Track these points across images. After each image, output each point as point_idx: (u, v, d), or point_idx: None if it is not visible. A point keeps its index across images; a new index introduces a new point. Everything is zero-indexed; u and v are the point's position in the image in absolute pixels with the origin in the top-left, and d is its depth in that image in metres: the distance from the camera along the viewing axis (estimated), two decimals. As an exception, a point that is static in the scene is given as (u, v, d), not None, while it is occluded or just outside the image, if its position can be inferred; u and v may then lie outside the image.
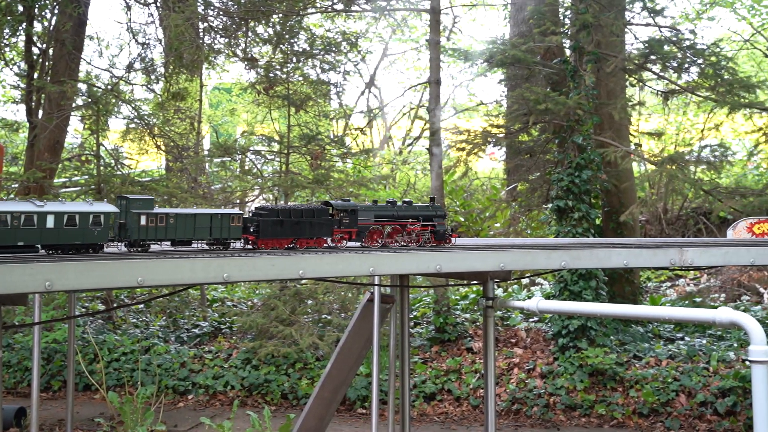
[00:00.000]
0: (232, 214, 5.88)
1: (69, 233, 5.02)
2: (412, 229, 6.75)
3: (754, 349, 5.77)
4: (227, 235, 5.84)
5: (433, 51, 14.66)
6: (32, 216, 4.86)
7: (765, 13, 26.25)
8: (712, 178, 14.81)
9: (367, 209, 6.63)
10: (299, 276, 5.76)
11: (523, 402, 13.33)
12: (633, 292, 16.78)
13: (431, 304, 16.27)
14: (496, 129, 15.46)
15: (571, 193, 13.98)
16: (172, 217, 5.57)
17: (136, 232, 5.39)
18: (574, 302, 11.16)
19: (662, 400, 12.91)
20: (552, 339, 14.54)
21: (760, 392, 5.69)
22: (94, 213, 5.13)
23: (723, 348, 14.14)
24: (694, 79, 14.56)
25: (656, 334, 15.77)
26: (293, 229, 6.08)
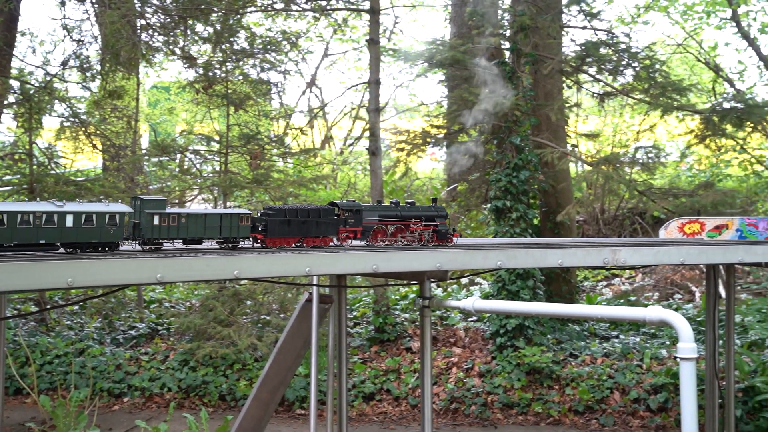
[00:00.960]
0: (241, 213, 6.10)
1: (87, 232, 5.28)
2: (415, 228, 6.96)
3: (682, 347, 5.88)
4: (236, 234, 6.06)
5: (373, 51, 14.67)
6: (53, 216, 5.11)
7: (697, 18, 26.85)
8: (645, 179, 15.09)
9: (371, 209, 6.83)
10: (234, 276, 5.70)
11: (462, 401, 13.42)
12: (570, 291, 17.01)
13: (371, 304, 16.28)
14: (436, 129, 15.54)
15: (509, 194, 14.13)
16: (183, 217, 5.81)
17: (149, 231, 5.63)
18: (509, 302, 11.28)
19: (597, 398, 13.13)
20: (490, 338, 14.67)
21: (688, 388, 5.80)
22: (110, 213, 5.39)
23: (656, 346, 14.43)
24: (628, 81, 14.83)
25: (592, 333, 16.03)
26: (300, 228, 6.30)
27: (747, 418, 12.19)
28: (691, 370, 5.91)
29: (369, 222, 6.77)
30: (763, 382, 12.44)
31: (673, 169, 30.79)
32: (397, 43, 31.94)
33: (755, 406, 12.21)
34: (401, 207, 7.03)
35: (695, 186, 15.64)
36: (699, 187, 14.97)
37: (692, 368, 5.91)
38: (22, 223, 4.98)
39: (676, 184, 23.60)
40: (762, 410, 12.07)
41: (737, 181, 27.49)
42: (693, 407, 5.83)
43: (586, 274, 23.03)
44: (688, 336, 5.92)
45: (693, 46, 28.44)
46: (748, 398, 12.37)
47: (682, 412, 5.81)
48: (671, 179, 28.02)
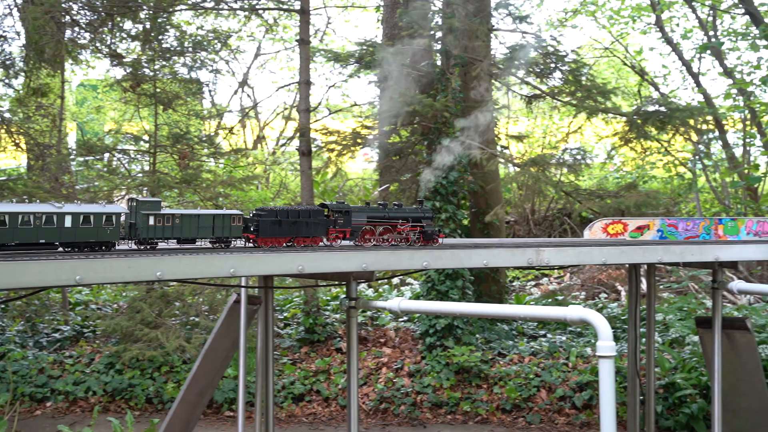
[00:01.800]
0: (233, 214, 6.28)
1: (84, 232, 5.46)
2: (402, 229, 7.13)
3: (601, 345, 6.01)
4: (228, 234, 6.26)
5: (303, 51, 14.64)
6: (52, 216, 5.30)
7: (623, 22, 27.40)
8: (571, 181, 15.37)
9: (360, 211, 7.00)
10: (156, 278, 5.62)
11: (391, 401, 13.48)
12: (499, 291, 17.22)
13: (302, 305, 16.24)
14: (366, 130, 15.57)
15: (439, 194, 14.23)
16: (177, 217, 5.99)
17: (145, 231, 5.81)
18: (435, 302, 11.36)
19: (524, 396, 13.32)
20: (420, 338, 14.76)
21: (607, 385, 5.92)
22: (106, 213, 5.56)
23: (581, 344, 14.70)
24: (556, 84, 15.07)
25: (520, 332, 16.25)
26: (291, 228, 6.49)
27: (667, 413, 12.51)
28: (610, 368, 6.02)
29: (357, 223, 6.94)
30: (682, 378, 12.78)
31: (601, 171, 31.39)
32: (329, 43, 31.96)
33: (675, 402, 12.54)
34: (389, 209, 7.22)
35: (619, 187, 15.98)
36: (623, 188, 15.30)
37: (611, 366, 6.02)
38: (23, 223, 5.17)
39: (603, 186, 24.05)
40: (681, 405, 12.40)
41: (662, 183, 28.18)
42: (611, 404, 5.95)
43: (516, 274, 23.34)
44: (606, 334, 6.04)
45: (619, 50, 29.04)
46: (669, 394, 12.70)
47: (601, 408, 5.92)
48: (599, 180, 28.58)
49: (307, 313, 15.39)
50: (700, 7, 23.51)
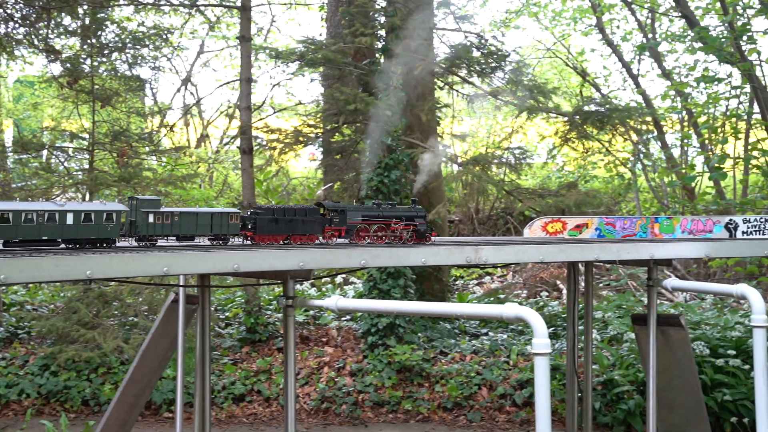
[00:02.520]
0: (231, 212, 6.53)
1: (86, 229, 5.67)
2: (396, 227, 7.32)
3: (536, 342, 6.02)
4: (227, 232, 6.48)
5: (244, 48, 14.50)
6: (54, 214, 5.52)
7: (565, 24, 27.73)
8: (512, 180, 15.49)
9: (355, 210, 7.24)
10: (87, 277, 5.47)
11: (333, 400, 13.41)
12: (441, 289, 17.27)
13: (244, 305, 16.08)
14: (308, 128, 15.49)
15: (381, 193, 14.21)
16: (176, 215, 6.21)
17: (144, 229, 6.03)
18: (373, 300, 11.35)
19: (465, 394, 13.37)
20: (362, 337, 14.73)
21: (542, 382, 5.96)
22: (107, 211, 5.78)
23: (522, 342, 14.81)
24: (497, 83, 15.17)
25: (462, 331, 16.32)
26: (287, 226, 6.71)
27: (605, 410, 12.67)
28: (545, 366, 6.05)
29: (353, 222, 7.14)
30: (620, 375, 12.95)
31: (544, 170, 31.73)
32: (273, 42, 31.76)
33: (613, 398, 12.70)
34: (383, 208, 7.42)
35: (560, 186, 16.15)
36: (563, 187, 15.46)
37: (546, 363, 6.05)
38: (26, 221, 5.38)
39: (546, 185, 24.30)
40: (619, 402, 12.57)
41: (603, 183, 28.61)
42: (546, 401, 5.98)
43: (461, 273, 23.46)
44: (542, 332, 6.07)
45: (562, 51, 29.38)
46: (607, 390, 12.85)
47: (536, 406, 5.94)
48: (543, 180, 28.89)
49: (248, 312, 15.25)
50: (639, 10, 23.89)
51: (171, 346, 9.63)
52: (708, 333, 13.92)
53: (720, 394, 12.13)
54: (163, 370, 10.26)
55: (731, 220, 9.64)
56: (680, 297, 18.42)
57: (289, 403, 7.44)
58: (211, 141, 34.59)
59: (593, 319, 16.06)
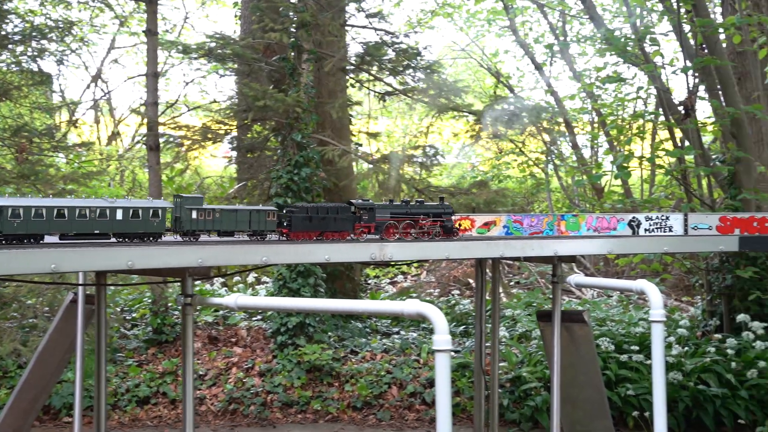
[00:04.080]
0: (268, 210, 6.92)
1: (134, 224, 6.14)
2: (423, 224, 7.63)
3: (437, 339, 5.99)
4: (264, 228, 6.86)
5: (150, 43, 14.13)
6: (105, 210, 5.99)
7: (480, 25, 27.98)
8: (423, 178, 15.51)
9: (383, 207, 7.53)
10: (-36, 274, 5.22)
11: (241, 401, 13.18)
12: (354, 288, 17.19)
13: (151, 305, 15.69)
14: (216, 125, 15.19)
15: (291, 191, 14.04)
16: (218, 212, 6.63)
17: (188, 224, 6.46)
18: (273, 298, 11.15)
19: (375, 393, 13.30)
20: (271, 337, 14.52)
21: (442, 379, 5.92)
22: (153, 208, 6.22)
23: (432, 340, 14.81)
24: (408, 81, 15.14)
25: (374, 330, 16.28)
26: (320, 223, 7.01)
27: (513, 406, 12.77)
28: (446, 362, 6.03)
29: (381, 219, 7.44)
30: (528, 371, 13.07)
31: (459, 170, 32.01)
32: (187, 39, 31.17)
33: (521, 395, 12.81)
34: (411, 205, 7.70)
35: (471, 185, 16.23)
36: (474, 185, 15.54)
37: (447, 360, 6.03)
38: (80, 216, 5.87)
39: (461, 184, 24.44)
40: (527, 398, 12.68)
41: (517, 182, 29.04)
42: (447, 398, 5.95)
43: (377, 272, 23.45)
44: (443, 328, 6.04)
45: (476, 52, 29.66)
46: (515, 387, 12.96)
47: (437, 403, 5.91)
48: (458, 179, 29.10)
49: (155, 313, 14.88)
50: (551, 13, 24.26)
51: (70, 348, 9.30)
52: (613, 329, 14.19)
53: (624, 389, 12.35)
54: (61, 373, 9.92)
55: (634, 218, 9.78)
56: (588, 294, 18.76)
57: (187, 405, 7.21)
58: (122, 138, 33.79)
59: (503, 317, 16.23)
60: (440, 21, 30.44)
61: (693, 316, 15.75)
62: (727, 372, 12.49)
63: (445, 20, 28.35)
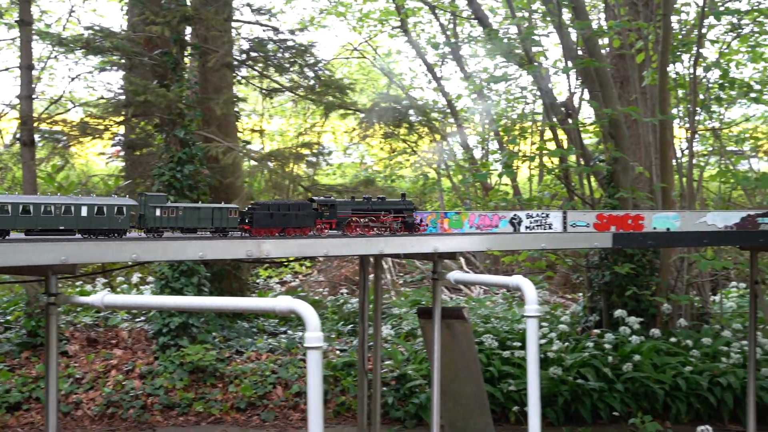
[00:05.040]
0: (230, 207, 7.02)
1: (99, 220, 6.20)
2: (385, 220, 7.76)
3: (309, 336, 5.92)
4: (226, 225, 6.94)
5: (24, 34, 13.55)
6: (70, 206, 6.06)
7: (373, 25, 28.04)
8: (309, 176, 15.40)
9: (345, 204, 7.68)
10: None
11: (119, 405, 12.76)
12: (240, 288, 16.94)
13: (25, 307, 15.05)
14: (94, 120, 14.69)
15: (173, 188, 13.71)
16: (181, 209, 6.73)
17: (152, 221, 6.55)
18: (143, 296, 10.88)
19: (260, 393, 13.10)
20: (153, 338, 14.14)
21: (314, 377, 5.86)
22: (117, 205, 6.30)
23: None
24: (294, 78, 14.99)
25: (261, 329, 16.06)
26: (282, 220, 7.13)
27: (398, 404, 12.78)
28: (317, 360, 5.97)
29: (343, 215, 7.55)
30: (413, 369, 13.12)
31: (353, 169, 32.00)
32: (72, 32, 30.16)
33: (406, 393, 12.84)
34: (372, 201, 7.82)
35: (357, 183, 16.21)
36: (361, 184, 15.52)
37: (318, 357, 5.97)
38: (45, 212, 5.96)
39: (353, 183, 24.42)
40: (412, 396, 12.71)
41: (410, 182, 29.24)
42: (318, 396, 5.89)
43: (270, 272, 23.21)
44: (314, 325, 5.99)
45: (369, 51, 29.72)
46: (400, 385, 12.98)
47: (308, 400, 5.84)
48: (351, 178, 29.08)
49: (29, 315, 14.28)
50: (442, 14, 24.48)
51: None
52: (497, 326, 14.39)
53: (506, 385, 12.53)
54: None
55: (515, 216, 9.89)
56: (475, 292, 19.00)
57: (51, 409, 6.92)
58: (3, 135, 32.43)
59: (391, 315, 16.28)
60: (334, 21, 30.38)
61: (574, 313, 16.13)
62: (604, 366, 12.83)
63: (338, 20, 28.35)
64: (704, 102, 16.60)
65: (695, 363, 12.98)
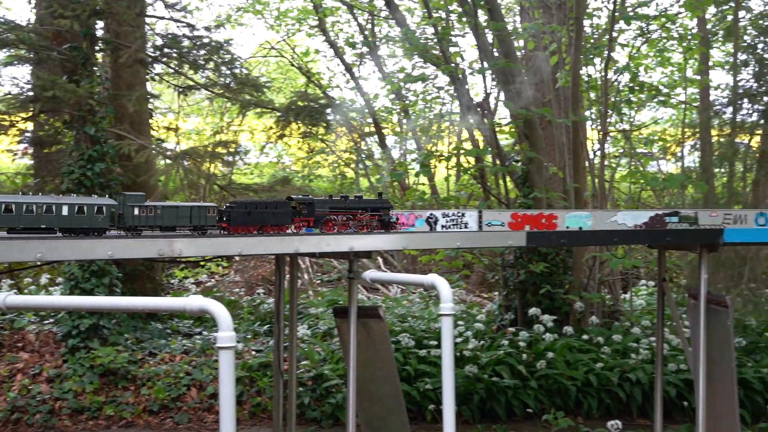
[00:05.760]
0: (208, 206, 7.08)
1: (79, 219, 6.29)
2: (362, 218, 7.83)
3: (221, 336, 5.84)
4: (204, 223, 7.00)
5: None
6: (51, 206, 6.15)
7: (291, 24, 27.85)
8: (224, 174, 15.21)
9: (322, 202, 7.70)
10: None
11: (25, 410, 12.36)
12: (154, 288, 16.62)
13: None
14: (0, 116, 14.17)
15: (84, 186, 13.35)
16: (159, 208, 6.78)
17: (131, 220, 6.60)
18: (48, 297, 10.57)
19: (173, 396, 12.87)
20: (62, 340, 13.74)
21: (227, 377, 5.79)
22: (97, 204, 6.42)
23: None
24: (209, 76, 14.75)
25: (175, 330, 15.78)
26: (259, 218, 7.18)
27: (314, 404, 12.71)
28: (230, 360, 5.91)
29: (320, 213, 7.58)
30: (330, 369, 13.06)
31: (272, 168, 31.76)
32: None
33: (322, 393, 12.78)
34: (350, 200, 7.87)
35: (273, 182, 16.07)
36: (277, 183, 15.38)
37: (231, 357, 5.91)
38: (27, 211, 6.02)
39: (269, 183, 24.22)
40: (328, 396, 12.66)
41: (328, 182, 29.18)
42: (231, 397, 5.83)
43: (186, 273, 22.84)
44: (227, 325, 5.92)
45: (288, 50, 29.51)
46: (317, 385, 12.91)
47: (221, 401, 5.78)
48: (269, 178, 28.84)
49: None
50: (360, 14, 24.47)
51: None
52: (414, 325, 14.45)
53: (422, 384, 12.58)
54: None
55: (432, 215, 9.90)
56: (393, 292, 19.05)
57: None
58: None
59: (308, 315, 16.19)
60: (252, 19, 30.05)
61: (490, 311, 16.31)
62: (518, 364, 13.00)
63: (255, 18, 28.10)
64: (615, 104, 17.00)
65: (606, 359, 13.28)
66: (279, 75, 34.21)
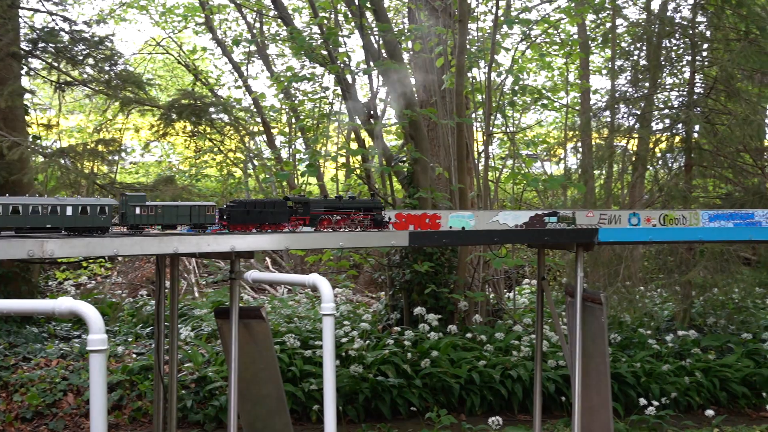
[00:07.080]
0: (208, 205, 7.24)
1: (83, 219, 6.52)
2: (355, 217, 7.96)
3: (92, 338, 5.62)
4: (204, 222, 7.18)
5: None
6: (56, 207, 6.39)
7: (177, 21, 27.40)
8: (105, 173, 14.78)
9: (317, 202, 7.88)
10: None
11: None
12: (30, 291, 15.98)
13: None
14: None
15: (-48, 185, 12.76)
16: (160, 208, 6.98)
17: (133, 219, 6.82)
18: None
19: (48, 402, 12.41)
20: (-72, 347, 13.11)
21: (97, 381, 5.57)
22: (100, 205, 6.58)
23: (114, 343, 14.18)
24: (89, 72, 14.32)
25: (52, 334, 15.26)
26: (258, 216, 7.40)
27: (197, 407, 12.49)
28: (101, 363, 5.69)
29: (316, 212, 7.74)
30: (214, 371, 12.87)
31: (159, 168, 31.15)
32: None
33: (206, 395, 12.57)
34: (344, 201, 8.00)
35: (157, 181, 15.72)
36: (161, 182, 15.05)
37: (102, 361, 5.68)
38: (33, 212, 6.29)
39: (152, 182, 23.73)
40: (212, 398, 12.47)
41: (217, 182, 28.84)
42: (102, 403, 5.61)
43: (67, 275, 22.14)
44: (98, 327, 5.69)
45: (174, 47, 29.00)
46: (200, 388, 12.69)
47: (91, 407, 5.55)
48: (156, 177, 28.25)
49: None
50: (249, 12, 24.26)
51: None
52: (300, 325, 14.39)
53: (307, 384, 12.54)
54: None
55: (316, 215, 9.88)
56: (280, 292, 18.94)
57: None
58: None
59: (193, 316, 15.91)
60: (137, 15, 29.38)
61: (376, 311, 16.40)
62: (404, 363, 13.11)
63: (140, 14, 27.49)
64: (499, 107, 17.35)
65: (489, 357, 13.53)
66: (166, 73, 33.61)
